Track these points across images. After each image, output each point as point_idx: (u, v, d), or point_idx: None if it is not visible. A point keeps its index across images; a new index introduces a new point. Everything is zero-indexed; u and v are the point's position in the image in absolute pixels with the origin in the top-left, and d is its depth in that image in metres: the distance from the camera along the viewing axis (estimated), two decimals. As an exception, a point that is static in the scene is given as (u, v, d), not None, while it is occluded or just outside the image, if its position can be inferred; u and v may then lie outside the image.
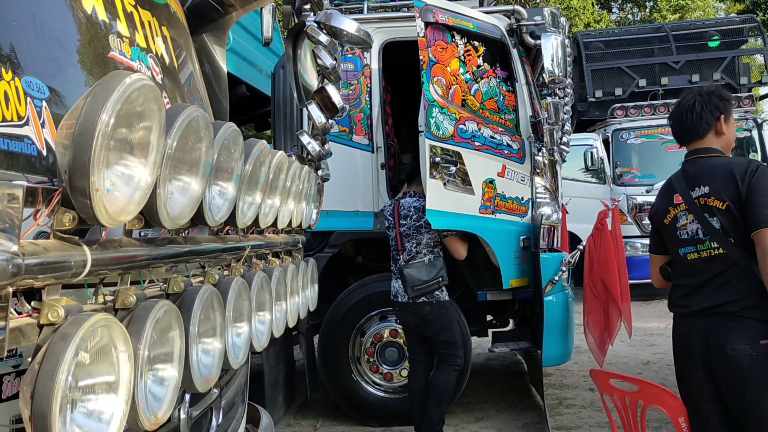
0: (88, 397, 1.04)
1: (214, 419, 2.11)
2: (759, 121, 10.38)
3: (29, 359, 1.00)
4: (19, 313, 1.00)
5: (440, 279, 4.33)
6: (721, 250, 2.55)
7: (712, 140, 2.72)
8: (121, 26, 1.85)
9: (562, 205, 5.35)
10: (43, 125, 1.34)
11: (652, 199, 9.98)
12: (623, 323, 5.01)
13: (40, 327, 1.00)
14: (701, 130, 2.73)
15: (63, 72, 1.54)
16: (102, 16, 1.74)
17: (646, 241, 10.97)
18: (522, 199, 4.79)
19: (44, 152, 1.32)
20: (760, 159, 9.98)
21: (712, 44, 10.89)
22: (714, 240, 2.57)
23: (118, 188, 1.06)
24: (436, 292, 4.36)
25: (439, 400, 4.41)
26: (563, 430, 4.78)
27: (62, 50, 1.57)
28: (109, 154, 1.00)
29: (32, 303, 1.03)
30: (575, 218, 8.43)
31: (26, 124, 1.29)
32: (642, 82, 10.71)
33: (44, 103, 1.36)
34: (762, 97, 11.43)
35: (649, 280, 10.33)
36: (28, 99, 1.31)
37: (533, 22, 4.94)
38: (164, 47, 2.18)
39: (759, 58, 12.92)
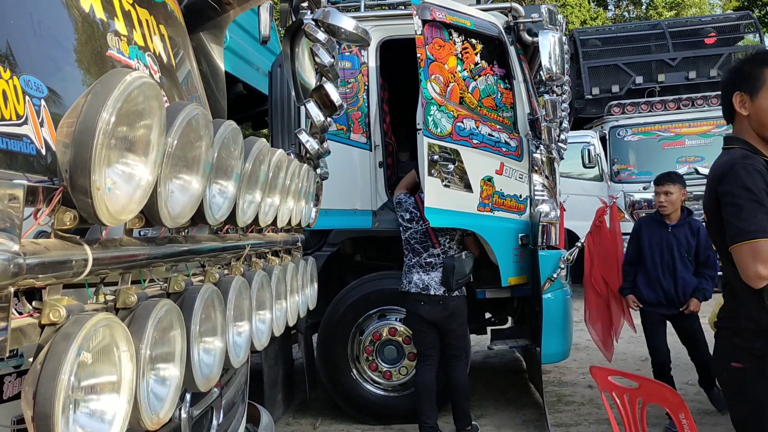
0: (90, 397, 1.03)
1: (214, 419, 2.10)
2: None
3: (30, 359, 0.99)
4: (20, 314, 0.99)
5: (471, 274, 4.56)
6: (722, 264, 2.30)
7: (740, 126, 2.31)
8: (119, 24, 1.84)
9: (560, 202, 5.35)
10: (42, 124, 1.33)
11: (649, 196, 10.06)
12: (624, 319, 5.03)
13: (42, 327, 1.00)
14: (725, 115, 2.37)
15: (61, 70, 1.53)
16: (100, 14, 1.74)
17: (644, 238, 10.73)
18: (520, 196, 4.79)
19: (43, 151, 1.32)
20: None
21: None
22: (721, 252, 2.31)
23: (119, 187, 1.05)
24: (463, 287, 4.55)
25: (467, 393, 4.64)
26: (562, 427, 4.78)
27: (60, 49, 1.56)
28: (110, 153, 0.99)
29: (33, 303, 1.02)
30: (572, 216, 8.45)
31: (25, 123, 1.28)
32: (639, 79, 10.72)
33: (43, 102, 1.35)
34: (758, 93, 11.42)
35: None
36: (27, 98, 1.31)
37: (530, 20, 4.93)
38: (162, 46, 2.17)
39: (755, 55, 12.92)
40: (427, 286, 4.47)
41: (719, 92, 2.47)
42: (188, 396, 1.74)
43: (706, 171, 9.66)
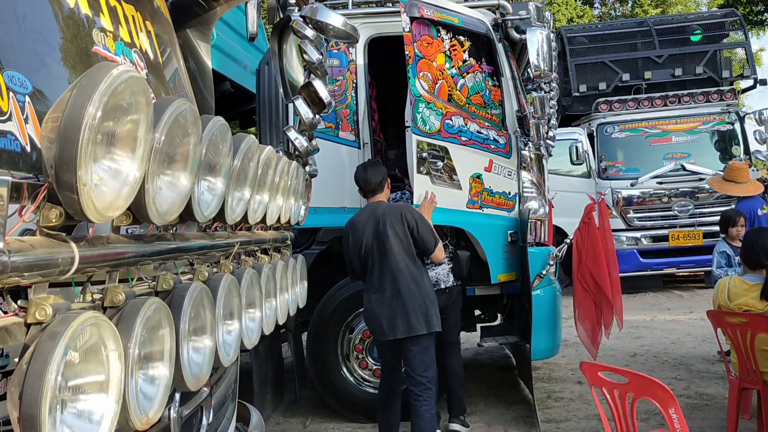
0: (77, 397, 1.01)
1: (204, 418, 2.08)
2: (741, 114, 10.48)
3: (16, 359, 0.97)
4: (6, 313, 0.98)
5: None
6: None
7: None
8: (105, 21, 1.81)
9: (549, 199, 5.36)
10: (26, 121, 1.30)
11: (636, 192, 10.12)
12: (615, 315, 5.05)
13: (28, 326, 0.98)
14: None
15: (46, 66, 1.51)
16: (85, 10, 1.71)
17: (631, 234, 10.95)
18: (509, 193, 4.80)
19: (28, 148, 1.29)
20: (742, 152, 10.07)
21: (694, 38, 10.98)
22: None
23: (106, 183, 1.03)
24: None
25: (462, 380, 4.70)
26: (552, 423, 4.79)
27: (45, 44, 1.54)
28: (96, 148, 0.97)
29: (19, 302, 1.00)
30: (559, 212, 8.49)
31: (9, 119, 1.26)
32: (625, 77, 10.77)
33: (27, 98, 1.33)
34: (743, 91, 11.53)
35: (633, 273, 10.30)
36: (11, 94, 1.28)
37: (518, 17, 4.93)
38: (148, 42, 2.15)
39: (740, 52, 13.03)
40: (437, 282, 4.50)
41: (705, 89, 2.52)
42: (177, 395, 1.72)
43: (692, 167, 9.79)
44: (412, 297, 3.79)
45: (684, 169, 9.91)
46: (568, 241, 5.18)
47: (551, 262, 4.75)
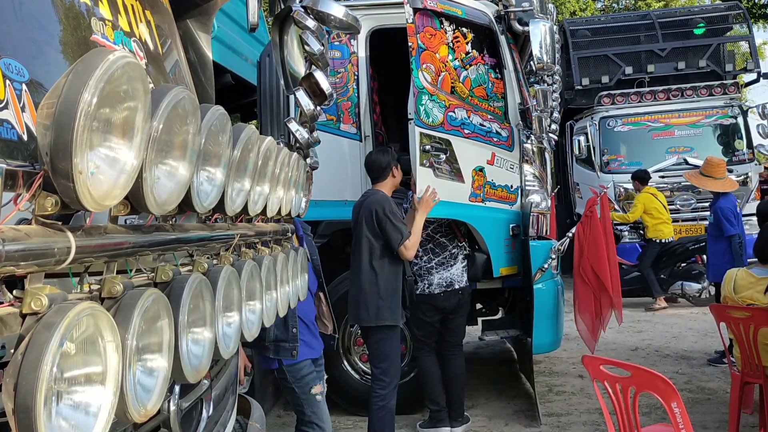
0: (74, 389, 1.00)
1: (204, 411, 2.07)
2: (744, 108, 10.44)
3: (11, 351, 0.96)
4: (1, 303, 0.96)
5: None
6: None
7: None
8: (104, 9, 1.79)
9: (551, 192, 5.34)
10: (23, 109, 1.28)
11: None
12: (614, 310, 5.03)
13: (23, 316, 0.96)
14: None
15: (44, 54, 1.49)
16: (83, -2, 1.69)
17: (633, 228, 10.84)
18: (511, 186, 4.78)
19: (25, 137, 1.27)
20: (745, 146, 10.04)
21: (697, 32, 10.94)
22: None
23: (103, 171, 1.01)
24: None
25: (464, 384, 4.72)
26: (553, 417, 4.78)
27: (43, 32, 1.51)
28: (92, 135, 0.95)
29: (14, 292, 0.98)
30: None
31: (5, 107, 1.24)
32: (628, 70, 10.74)
33: (24, 86, 1.31)
34: (747, 84, 11.47)
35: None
36: (8, 81, 1.26)
37: (521, 9, 4.91)
38: (148, 32, 2.12)
39: (743, 45, 12.98)
40: (450, 282, 4.49)
41: (708, 82, 2.53)
42: (177, 388, 1.71)
43: (695, 161, 9.76)
44: (364, 291, 4.04)
45: (687, 162, 9.87)
46: (570, 234, 5.16)
47: (553, 256, 4.74)
